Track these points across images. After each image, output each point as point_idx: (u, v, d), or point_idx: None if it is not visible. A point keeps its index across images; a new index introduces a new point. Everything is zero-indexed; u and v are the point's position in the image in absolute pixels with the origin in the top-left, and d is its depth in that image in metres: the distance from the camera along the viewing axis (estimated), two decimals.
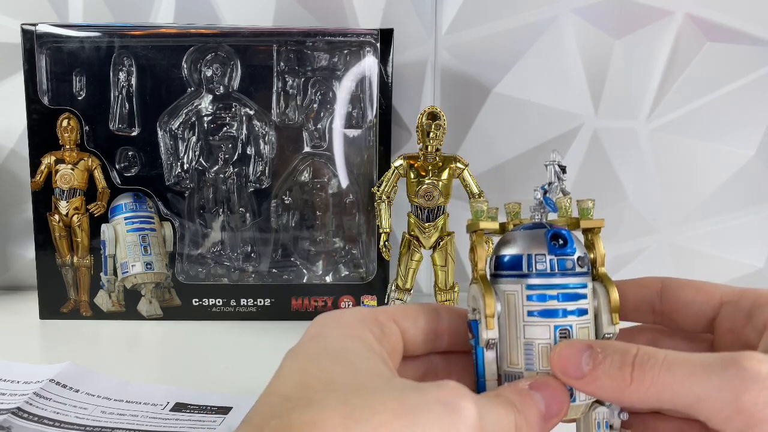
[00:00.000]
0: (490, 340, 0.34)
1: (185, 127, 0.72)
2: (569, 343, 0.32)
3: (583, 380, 0.31)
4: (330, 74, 0.73)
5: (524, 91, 0.78)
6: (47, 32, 0.68)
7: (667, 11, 0.76)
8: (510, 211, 0.38)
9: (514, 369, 0.34)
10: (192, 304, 0.72)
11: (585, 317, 0.34)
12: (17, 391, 0.50)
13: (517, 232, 0.35)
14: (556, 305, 0.33)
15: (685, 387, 0.28)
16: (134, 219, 0.71)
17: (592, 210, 0.37)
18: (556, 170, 0.38)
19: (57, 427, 0.46)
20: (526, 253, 0.34)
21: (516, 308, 0.34)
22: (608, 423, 0.35)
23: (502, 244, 0.35)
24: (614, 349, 0.30)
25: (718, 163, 0.79)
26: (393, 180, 0.60)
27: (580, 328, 0.33)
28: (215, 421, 0.48)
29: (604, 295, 0.34)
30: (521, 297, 0.34)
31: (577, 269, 0.34)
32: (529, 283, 0.34)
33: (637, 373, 0.29)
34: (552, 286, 0.33)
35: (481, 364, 0.34)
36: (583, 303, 0.34)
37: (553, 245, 0.34)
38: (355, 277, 0.75)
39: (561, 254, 0.34)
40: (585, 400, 0.33)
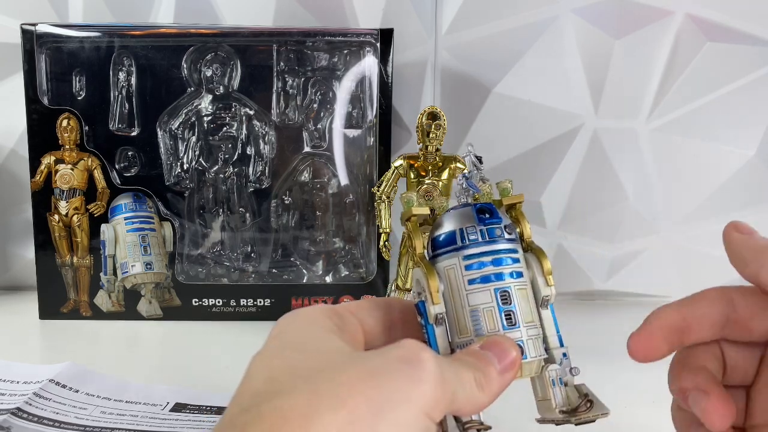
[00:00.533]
0: (438, 315, 0.35)
1: (185, 127, 0.72)
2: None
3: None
4: (330, 74, 0.73)
5: (524, 91, 0.78)
6: (47, 32, 0.68)
7: (667, 11, 0.76)
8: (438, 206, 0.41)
9: (465, 338, 0.35)
10: (192, 305, 0.72)
11: (521, 279, 0.36)
12: (17, 391, 0.50)
13: (447, 213, 0.38)
14: (492, 270, 0.36)
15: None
16: (134, 219, 0.71)
17: (511, 189, 0.39)
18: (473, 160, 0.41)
19: (57, 428, 0.45)
20: (458, 227, 0.36)
21: (457, 280, 0.36)
22: (562, 379, 0.37)
23: (436, 227, 0.38)
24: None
25: (718, 163, 0.79)
26: (393, 180, 0.60)
27: (518, 290, 0.36)
28: (215, 421, 0.48)
29: (536, 262, 0.37)
30: (460, 268, 0.36)
31: (506, 236, 0.37)
32: (465, 254, 0.36)
33: None
34: (486, 253, 0.36)
35: (434, 340, 0.36)
36: (517, 267, 0.36)
37: (481, 217, 0.37)
38: (355, 277, 0.75)
39: (489, 223, 0.37)
40: (536, 357, 0.36)
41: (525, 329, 0.35)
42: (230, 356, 0.62)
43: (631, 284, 0.81)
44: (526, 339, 0.35)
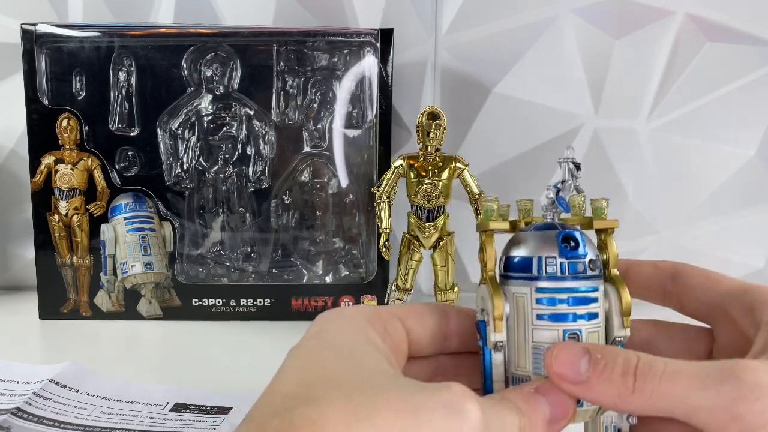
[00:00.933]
0: (498, 343, 0.33)
1: (185, 127, 0.72)
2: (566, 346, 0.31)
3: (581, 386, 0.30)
4: (330, 74, 0.73)
5: (524, 91, 0.78)
6: (47, 32, 0.68)
7: (667, 11, 0.76)
8: (522, 209, 0.37)
9: (522, 372, 0.33)
10: (192, 305, 0.72)
11: (595, 321, 0.33)
12: (17, 391, 0.50)
13: (528, 232, 0.35)
14: (565, 309, 0.33)
15: (684, 398, 0.28)
16: (134, 219, 0.71)
17: (606, 210, 0.36)
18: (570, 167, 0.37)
19: (57, 428, 0.45)
20: (536, 255, 0.33)
21: (525, 311, 0.33)
22: (616, 427, 0.34)
23: (513, 245, 0.35)
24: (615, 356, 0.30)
25: (718, 163, 0.79)
26: (393, 180, 0.60)
27: (589, 333, 0.33)
28: (215, 421, 0.48)
29: (616, 298, 0.34)
30: (530, 300, 0.33)
31: (588, 272, 0.33)
32: (539, 286, 0.33)
33: (639, 383, 0.29)
34: (562, 289, 0.33)
35: (489, 366, 0.34)
36: (594, 307, 0.33)
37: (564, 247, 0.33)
38: (355, 277, 0.75)
39: (572, 257, 0.33)
40: (593, 405, 0.33)
41: None
42: (230, 356, 0.62)
43: None
44: None
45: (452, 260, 0.61)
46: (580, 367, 0.30)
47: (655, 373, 0.29)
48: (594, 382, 0.30)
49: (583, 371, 0.30)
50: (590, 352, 0.30)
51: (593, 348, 0.31)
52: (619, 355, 0.30)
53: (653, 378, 0.29)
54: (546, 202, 0.36)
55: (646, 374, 0.29)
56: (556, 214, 0.36)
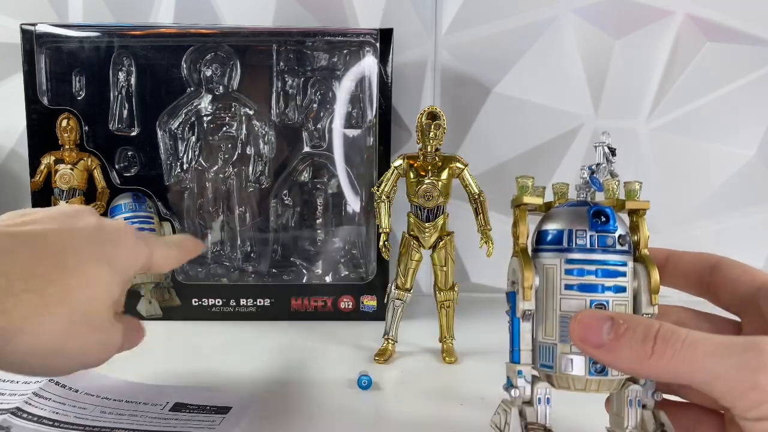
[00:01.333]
0: (527, 311, 0.35)
1: (185, 127, 0.72)
2: (591, 311, 0.33)
3: (601, 349, 0.31)
4: (330, 74, 0.73)
5: (524, 91, 0.78)
6: (47, 32, 0.68)
7: (667, 11, 0.76)
8: (557, 191, 0.39)
9: (549, 340, 0.35)
10: (192, 304, 0.72)
11: (623, 294, 0.34)
12: (16, 391, 0.50)
13: (560, 208, 0.36)
14: (594, 280, 0.34)
15: (704, 364, 0.29)
16: (134, 219, 0.71)
17: (639, 192, 0.37)
18: (605, 152, 0.38)
19: (56, 427, 0.45)
20: (567, 228, 0.35)
21: (554, 281, 0.35)
22: (641, 401, 0.36)
23: (546, 220, 0.36)
24: (637, 322, 0.31)
25: (718, 163, 0.79)
26: (393, 180, 0.60)
27: (616, 305, 0.34)
28: (215, 420, 0.47)
29: (645, 276, 0.35)
30: (560, 271, 0.35)
31: (617, 247, 0.35)
32: (569, 257, 0.34)
33: (658, 346, 0.30)
34: (591, 261, 0.34)
35: (517, 334, 0.36)
36: (622, 280, 0.34)
37: (594, 222, 0.35)
38: (355, 277, 0.75)
39: (602, 231, 0.35)
40: (618, 376, 0.34)
41: None
42: (230, 356, 0.62)
43: None
44: None
45: (452, 260, 0.61)
46: (602, 331, 0.31)
47: (677, 338, 0.30)
48: (614, 346, 0.31)
49: (605, 335, 0.31)
50: (614, 318, 0.32)
51: (617, 315, 0.32)
52: (642, 322, 0.31)
53: (675, 343, 0.30)
54: (580, 182, 0.38)
55: (668, 339, 0.30)
56: (589, 194, 0.37)
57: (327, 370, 0.58)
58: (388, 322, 0.62)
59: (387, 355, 0.61)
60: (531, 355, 0.36)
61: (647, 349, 0.30)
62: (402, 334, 0.63)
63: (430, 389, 0.55)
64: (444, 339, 0.62)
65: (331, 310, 0.72)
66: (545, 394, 0.36)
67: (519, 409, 0.36)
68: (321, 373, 0.58)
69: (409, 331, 0.67)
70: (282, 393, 0.53)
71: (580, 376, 0.34)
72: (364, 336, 0.67)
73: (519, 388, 0.36)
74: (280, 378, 0.56)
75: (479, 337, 0.67)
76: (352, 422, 0.48)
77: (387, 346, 0.62)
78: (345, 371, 0.57)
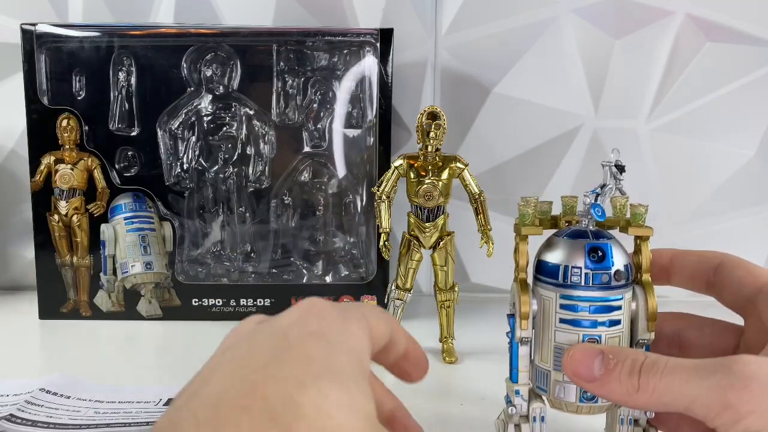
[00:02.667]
0: (523, 338, 0.37)
1: (185, 127, 0.72)
2: (582, 347, 0.34)
3: (594, 383, 0.33)
4: (330, 74, 0.73)
5: (524, 91, 0.78)
6: (47, 32, 0.68)
7: (667, 11, 0.76)
8: (565, 204, 0.40)
9: (544, 366, 0.37)
10: (192, 304, 0.72)
11: (617, 327, 0.36)
12: (7, 402, 0.49)
13: (560, 239, 0.37)
14: (586, 316, 0.36)
15: (682, 390, 0.31)
16: (134, 219, 0.71)
17: (644, 216, 0.38)
18: (613, 171, 0.38)
19: (52, 428, 0.45)
20: (563, 264, 0.36)
21: (549, 313, 0.36)
22: (632, 419, 0.38)
23: (545, 248, 0.38)
24: (625, 356, 0.33)
25: (718, 163, 0.79)
26: (393, 180, 0.60)
27: (609, 338, 0.36)
28: None
29: (643, 303, 0.36)
30: (555, 304, 0.36)
31: (612, 282, 0.35)
32: (563, 293, 0.36)
33: (643, 379, 0.31)
34: (585, 298, 0.35)
35: (515, 356, 0.38)
36: (616, 314, 0.36)
37: (591, 258, 0.36)
38: (355, 277, 0.75)
39: (597, 269, 0.35)
40: (607, 402, 0.36)
41: None
42: None
43: None
44: None
45: (452, 260, 0.61)
46: (594, 366, 0.33)
47: (657, 369, 0.31)
48: (605, 380, 0.33)
49: (597, 370, 0.33)
50: (604, 352, 0.33)
51: (607, 349, 0.33)
52: (629, 356, 0.33)
53: (655, 374, 0.31)
54: (582, 209, 0.38)
55: (650, 371, 0.32)
56: (590, 221, 0.38)
57: None
58: None
59: None
60: (528, 377, 0.38)
61: (634, 383, 0.32)
62: None
63: (430, 389, 0.55)
64: (444, 339, 0.62)
65: None
66: (540, 413, 0.39)
67: (515, 423, 0.39)
68: None
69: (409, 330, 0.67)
70: None
71: (572, 402, 0.37)
72: None
73: (516, 406, 0.39)
74: None
75: (479, 337, 0.67)
76: None
77: None
78: None
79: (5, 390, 0.52)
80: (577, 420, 0.41)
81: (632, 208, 0.38)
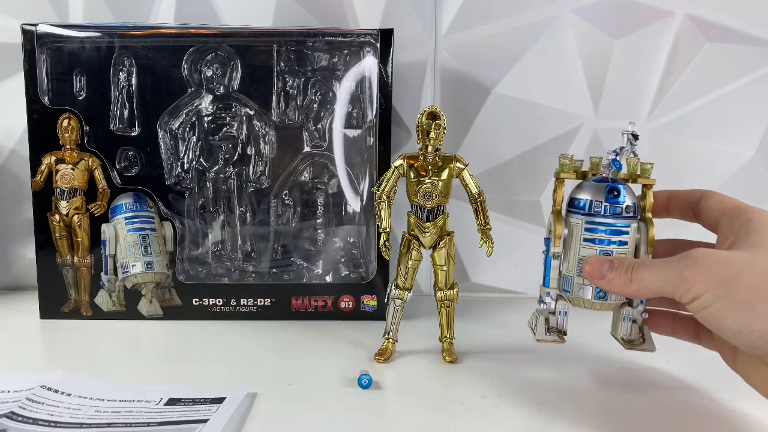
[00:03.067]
0: (556, 253, 0.53)
1: (185, 127, 0.72)
2: (597, 257, 0.50)
3: (603, 281, 0.48)
4: (330, 74, 0.73)
5: (524, 91, 0.78)
6: (48, 32, 0.69)
7: (666, 11, 0.76)
8: (593, 162, 0.55)
9: (569, 274, 0.53)
10: (192, 304, 0.72)
11: (624, 247, 0.52)
12: (8, 399, 0.50)
13: (588, 183, 0.53)
14: (603, 236, 0.52)
15: (657, 277, 0.45)
16: (134, 219, 0.71)
17: (651, 171, 0.53)
18: (630, 138, 0.53)
19: (53, 427, 0.46)
20: (589, 199, 0.52)
21: (577, 234, 0.52)
22: (631, 318, 0.53)
23: (577, 189, 0.53)
24: (622, 261, 0.48)
25: (718, 163, 0.80)
26: (393, 180, 0.60)
27: (618, 253, 0.51)
28: (210, 409, 0.48)
29: (645, 233, 0.52)
30: (581, 228, 0.52)
31: (624, 214, 0.51)
32: (588, 219, 0.52)
33: (634, 273, 0.46)
34: (603, 224, 0.51)
35: (548, 267, 0.54)
36: (624, 237, 0.52)
37: (609, 196, 0.51)
38: (355, 277, 0.75)
39: (614, 203, 0.51)
40: (615, 300, 0.53)
41: None
42: (231, 356, 0.62)
43: None
44: None
45: (452, 260, 0.61)
46: (603, 269, 0.48)
47: (643, 265, 0.47)
48: (610, 277, 0.48)
49: (605, 271, 0.48)
50: (610, 260, 0.49)
51: (613, 258, 0.49)
52: (626, 261, 0.48)
53: (641, 268, 0.46)
54: (605, 163, 0.53)
55: (638, 267, 0.47)
56: (611, 172, 0.53)
57: (327, 369, 0.58)
58: (388, 321, 0.62)
59: (387, 354, 0.61)
60: (557, 283, 0.54)
61: (629, 276, 0.47)
62: (402, 333, 0.63)
63: (430, 389, 0.55)
64: (444, 338, 0.62)
65: (331, 309, 0.73)
66: (564, 309, 0.55)
67: (545, 317, 0.55)
68: (321, 372, 0.58)
69: (409, 330, 0.67)
70: (282, 392, 0.53)
71: (589, 299, 0.53)
72: (364, 335, 0.67)
73: (546, 303, 0.55)
74: (280, 377, 0.56)
75: (479, 337, 0.67)
76: (352, 422, 0.48)
77: (387, 346, 0.62)
78: (345, 370, 0.58)
79: (5, 386, 0.52)
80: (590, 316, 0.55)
81: (642, 164, 0.53)
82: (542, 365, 0.60)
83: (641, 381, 0.57)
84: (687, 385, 0.56)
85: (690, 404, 0.53)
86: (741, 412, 0.51)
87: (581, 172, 0.55)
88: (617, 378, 0.58)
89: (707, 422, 0.50)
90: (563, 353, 0.61)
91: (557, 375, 0.58)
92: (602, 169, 0.53)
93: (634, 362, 0.61)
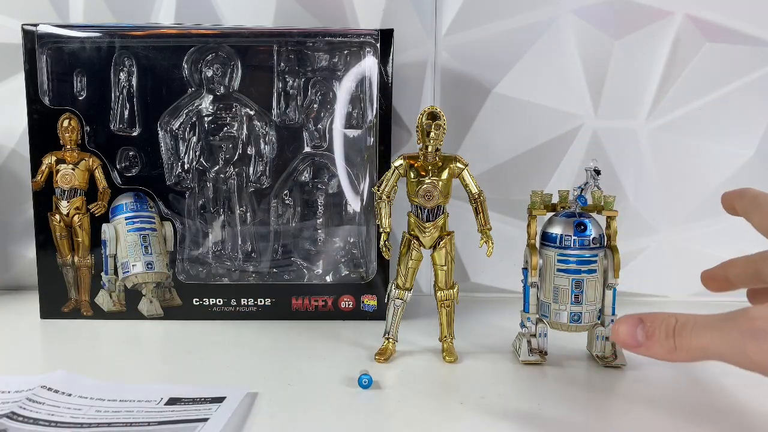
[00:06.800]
0: (533, 282, 0.59)
1: (186, 127, 0.72)
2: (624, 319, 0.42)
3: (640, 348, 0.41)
4: (330, 74, 0.73)
5: (524, 92, 0.78)
6: (48, 32, 0.69)
7: (666, 11, 0.76)
8: (562, 196, 0.60)
9: (546, 300, 0.59)
10: (192, 304, 0.72)
11: (593, 274, 0.58)
12: (9, 399, 0.50)
13: (557, 217, 0.59)
14: (574, 267, 0.57)
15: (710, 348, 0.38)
16: (135, 219, 0.71)
17: (612, 203, 0.59)
18: (592, 173, 0.58)
19: (53, 427, 0.46)
20: (559, 234, 0.58)
21: (550, 265, 0.58)
22: (605, 336, 0.59)
23: (549, 223, 0.59)
24: (660, 322, 0.40)
25: (718, 163, 0.80)
26: (393, 180, 0.60)
27: (588, 281, 0.58)
28: (210, 408, 0.48)
29: (611, 259, 0.58)
30: (554, 259, 0.58)
31: (591, 245, 0.57)
32: (559, 252, 0.58)
33: (677, 341, 0.39)
34: (572, 255, 0.57)
35: (527, 296, 0.60)
36: (593, 266, 0.58)
37: (577, 230, 0.57)
38: (355, 277, 0.75)
39: (581, 236, 0.57)
40: (589, 323, 0.59)
41: (585, 306, 0.58)
42: (231, 356, 0.62)
43: (631, 284, 0.81)
44: (584, 312, 0.58)
45: (452, 260, 0.61)
46: (637, 334, 0.41)
47: (686, 330, 0.39)
48: (648, 345, 0.40)
49: (640, 337, 0.41)
50: (643, 320, 0.41)
51: (645, 317, 0.41)
52: (663, 322, 0.40)
53: (687, 335, 0.39)
54: (571, 198, 0.59)
55: (681, 333, 0.39)
56: (577, 207, 0.59)
57: (327, 369, 0.58)
58: (388, 321, 0.62)
59: (387, 354, 0.61)
60: (536, 309, 0.60)
61: (672, 345, 0.39)
62: (402, 333, 0.63)
63: (430, 389, 0.55)
64: (444, 338, 0.62)
65: (331, 309, 0.73)
66: (543, 331, 0.60)
67: (527, 339, 0.60)
68: (321, 372, 0.58)
69: (409, 330, 0.67)
70: (283, 391, 0.53)
71: (565, 323, 0.59)
72: (364, 335, 0.67)
73: (528, 327, 0.60)
74: (280, 377, 0.57)
75: (479, 337, 0.67)
76: (352, 421, 0.49)
77: (387, 346, 0.62)
78: (345, 370, 0.58)
79: (5, 386, 0.52)
80: (566, 336, 0.61)
81: (605, 197, 0.59)
82: (542, 365, 0.60)
83: (641, 381, 0.57)
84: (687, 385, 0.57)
85: (691, 404, 0.53)
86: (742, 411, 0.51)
87: (551, 205, 0.60)
88: (617, 378, 0.58)
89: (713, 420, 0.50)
90: (563, 353, 0.61)
91: (557, 375, 0.58)
92: (569, 203, 0.59)
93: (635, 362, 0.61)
